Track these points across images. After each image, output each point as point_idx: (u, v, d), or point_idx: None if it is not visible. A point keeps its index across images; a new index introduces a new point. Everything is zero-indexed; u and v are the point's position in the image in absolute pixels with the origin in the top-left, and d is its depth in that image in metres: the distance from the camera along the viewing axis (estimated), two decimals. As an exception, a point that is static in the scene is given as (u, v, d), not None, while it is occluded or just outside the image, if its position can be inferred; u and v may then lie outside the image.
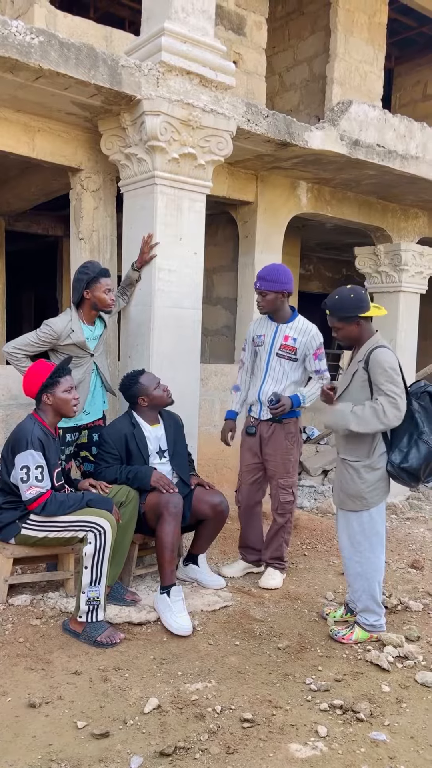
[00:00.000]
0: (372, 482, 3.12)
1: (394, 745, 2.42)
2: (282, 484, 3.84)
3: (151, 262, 3.98)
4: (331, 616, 3.45)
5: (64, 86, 3.60)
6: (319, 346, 3.81)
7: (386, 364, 3.01)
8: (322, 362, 3.84)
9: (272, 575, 3.90)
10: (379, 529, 3.17)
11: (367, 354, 3.08)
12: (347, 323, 3.11)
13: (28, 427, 3.12)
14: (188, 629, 3.18)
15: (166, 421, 3.74)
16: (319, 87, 7.74)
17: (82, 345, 3.65)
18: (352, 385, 3.16)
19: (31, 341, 3.60)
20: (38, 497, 3.05)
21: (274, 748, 2.36)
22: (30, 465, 3.04)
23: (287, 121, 4.44)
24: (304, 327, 3.82)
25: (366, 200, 6.10)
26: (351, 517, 3.18)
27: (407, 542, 4.86)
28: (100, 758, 2.26)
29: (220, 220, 5.97)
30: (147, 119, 3.72)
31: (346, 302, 3.08)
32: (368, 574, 3.17)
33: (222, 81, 3.96)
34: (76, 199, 4.49)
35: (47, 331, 3.59)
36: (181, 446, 3.75)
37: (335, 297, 3.11)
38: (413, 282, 6.46)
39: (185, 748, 2.33)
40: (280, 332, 3.83)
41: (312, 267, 10.50)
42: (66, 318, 3.67)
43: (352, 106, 4.80)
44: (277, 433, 3.82)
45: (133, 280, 4.09)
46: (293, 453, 3.85)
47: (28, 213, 7.43)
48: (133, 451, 3.57)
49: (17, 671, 2.79)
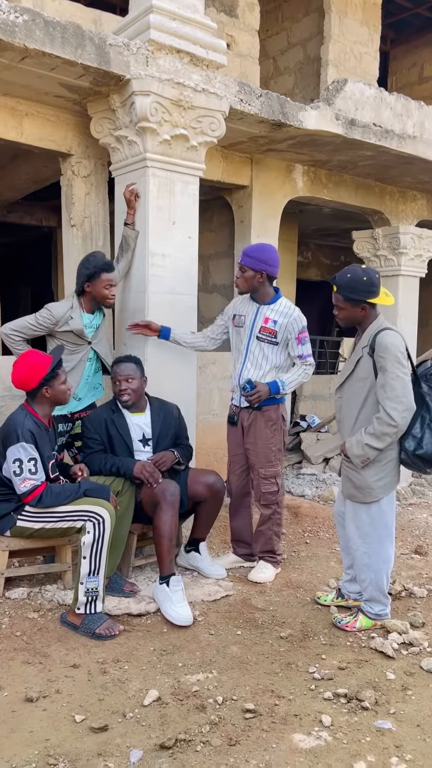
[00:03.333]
0: (380, 474, 3.01)
1: (401, 733, 2.36)
2: (263, 474, 3.70)
3: (144, 248, 3.89)
4: (322, 599, 3.40)
5: (51, 66, 3.50)
6: (301, 330, 3.61)
7: (393, 347, 2.88)
8: (305, 347, 3.64)
9: (262, 569, 3.77)
10: (389, 521, 3.08)
11: (371, 338, 2.95)
12: (352, 305, 2.99)
13: (18, 420, 3.05)
14: (189, 619, 3.12)
15: (155, 410, 3.63)
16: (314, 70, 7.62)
17: (79, 333, 3.58)
18: (357, 373, 3.03)
19: (30, 324, 3.53)
20: (33, 490, 2.99)
21: (278, 739, 2.30)
22: (22, 458, 2.98)
23: (281, 101, 4.34)
24: (286, 309, 3.63)
25: (363, 183, 6.00)
26: (360, 509, 3.09)
27: (410, 528, 4.79)
28: (99, 752, 2.20)
29: (215, 205, 5.88)
30: (137, 100, 3.62)
31: (357, 284, 2.94)
32: (376, 566, 3.09)
33: (213, 60, 3.86)
34: (67, 185, 4.40)
35: (46, 315, 3.52)
36: (165, 436, 3.60)
37: (347, 275, 2.96)
38: (412, 265, 6.36)
39: (186, 740, 2.27)
40: (261, 314, 3.65)
41: (310, 254, 10.40)
42: (67, 304, 3.60)
43: (348, 84, 4.70)
44: (258, 421, 3.67)
45: (129, 239, 3.91)
46: (274, 441, 3.69)
47: (22, 203, 7.34)
48: (114, 437, 3.48)
49: (14, 665, 2.73)
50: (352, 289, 2.95)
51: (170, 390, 3.88)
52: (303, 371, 3.64)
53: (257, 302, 3.69)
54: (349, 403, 3.08)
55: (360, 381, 3.02)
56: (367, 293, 2.95)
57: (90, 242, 4.40)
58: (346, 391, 3.11)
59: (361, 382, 3.01)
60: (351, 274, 2.96)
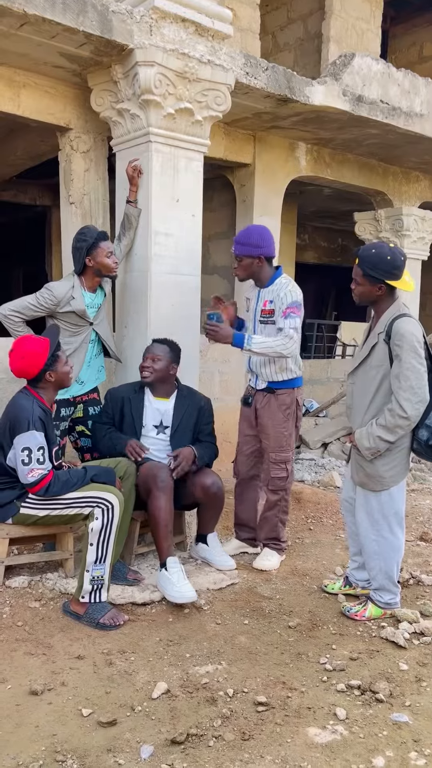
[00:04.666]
0: (392, 463, 2.93)
1: (418, 726, 2.30)
2: (274, 458, 3.63)
3: (147, 226, 3.76)
4: (329, 588, 3.34)
5: (51, 34, 3.35)
6: (290, 305, 3.41)
7: (410, 335, 2.77)
8: (289, 321, 3.39)
9: (267, 556, 3.70)
10: (399, 509, 3.00)
11: (388, 324, 2.85)
12: (370, 283, 2.87)
13: (27, 406, 2.92)
14: (191, 596, 3.04)
15: (181, 398, 3.55)
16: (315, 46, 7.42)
17: (81, 313, 3.45)
18: (371, 359, 2.92)
19: (30, 305, 3.40)
20: (41, 480, 2.88)
21: (292, 733, 2.23)
22: (32, 447, 2.87)
23: (288, 75, 4.20)
24: (278, 287, 3.49)
25: (367, 163, 5.88)
26: (370, 496, 3.02)
27: (414, 515, 4.74)
28: (108, 748, 2.12)
29: (216, 184, 5.73)
30: (140, 70, 3.47)
31: (380, 262, 2.82)
32: (386, 554, 3.02)
33: (219, 30, 3.71)
34: (66, 161, 4.25)
35: (47, 296, 3.39)
36: (186, 427, 3.52)
37: (372, 250, 2.85)
38: (415, 248, 6.27)
39: (198, 735, 2.19)
40: (261, 298, 3.56)
41: (307, 236, 10.26)
42: (68, 284, 3.46)
43: (355, 59, 4.56)
44: (271, 404, 3.60)
45: (132, 217, 3.78)
46: (287, 426, 3.61)
47: (15, 182, 7.14)
48: (126, 416, 3.47)
49: (17, 657, 2.65)
50: (373, 266, 2.83)
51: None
52: (280, 341, 3.39)
53: (258, 286, 3.62)
54: (362, 391, 2.98)
55: (374, 368, 2.92)
56: (388, 274, 2.84)
57: (89, 220, 4.26)
58: (359, 377, 3.01)
59: (375, 370, 2.91)
60: (376, 250, 2.84)
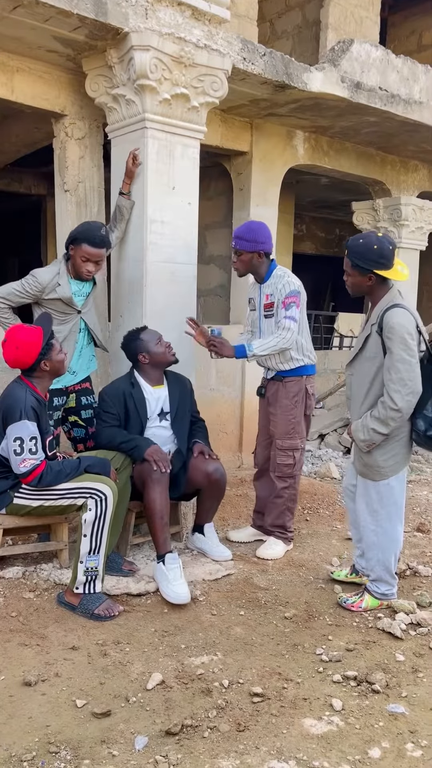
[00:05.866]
0: (390, 453, 2.91)
1: (414, 717, 2.28)
2: (280, 445, 3.66)
3: (143, 214, 3.71)
4: (335, 574, 3.34)
5: (45, 17, 3.29)
6: (289, 294, 3.49)
7: (399, 327, 2.74)
8: (289, 311, 3.47)
9: (272, 545, 3.70)
10: (398, 500, 2.98)
11: (380, 315, 2.82)
12: (359, 273, 2.86)
13: (20, 396, 2.88)
14: (185, 598, 3.02)
15: (172, 383, 3.54)
16: (313, 34, 7.35)
17: (68, 301, 3.39)
18: (366, 351, 2.91)
19: (16, 291, 3.34)
20: (33, 470, 2.85)
21: (288, 724, 2.22)
22: (24, 437, 2.83)
23: (285, 61, 4.14)
24: (275, 279, 3.60)
25: (365, 151, 5.82)
26: (370, 486, 3.00)
27: (411, 505, 4.71)
28: (102, 739, 2.11)
29: (212, 173, 5.67)
30: (135, 55, 3.42)
31: (367, 251, 2.80)
32: (384, 545, 3.00)
33: (216, 14, 3.65)
34: (60, 148, 4.19)
35: (32, 282, 3.33)
36: (183, 411, 3.54)
37: (359, 240, 2.84)
38: (413, 238, 6.22)
39: (192, 726, 2.18)
40: (262, 293, 3.67)
41: (304, 227, 10.20)
42: (54, 269, 3.40)
43: (354, 45, 4.50)
44: (279, 392, 3.66)
45: (124, 209, 3.73)
46: (295, 414, 3.65)
47: (10, 170, 7.07)
48: (130, 411, 3.38)
49: (10, 647, 2.63)
50: (360, 256, 2.82)
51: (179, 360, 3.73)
52: (279, 336, 3.47)
53: (258, 282, 3.70)
54: (359, 382, 2.97)
55: (368, 360, 2.90)
56: (375, 263, 2.81)
57: (84, 208, 4.20)
58: (356, 368, 2.99)
59: (370, 362, 2.90)
60: (363, 240, 2.83)
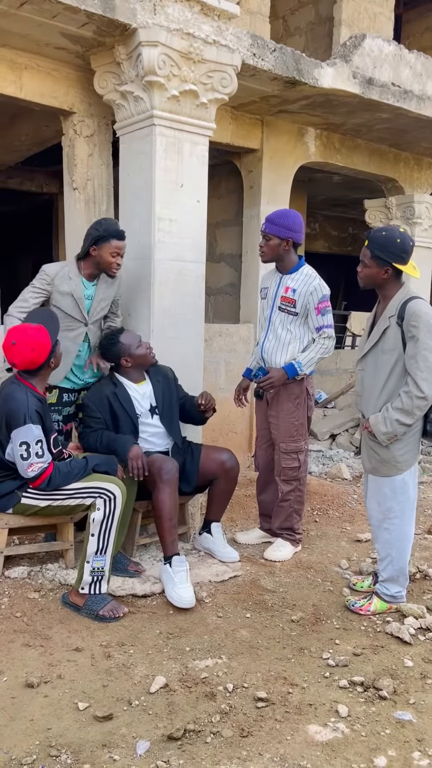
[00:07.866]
0: (407, 447, 2.87)
1: (422, 725, 2.23)
2: (284, 448, 3.61)
3: (150, 212, 3.68)
4: (358, 586, 3.26)
5: (52, 14, 3.26)
6: (321, 299, 3.45)
7: (426, 316, 2.73)
8: (326, 318, 3.47)
9: (279, 547, 3.66)
10: (411, 494, 2.94)
11: (399, 307, 2.80)
12: (378, 265, 2.84)
13: (21, 399, 2.83)
14: (189, 602, 2.98)
15: (153, 376, 3.50)
16: (326, 30, 7.29)
17: (78, 298, 3.36)
18: (383, 343, 2.86)
19: (30, 292, 3.33)
20: (41, 474, 2.82)
21: (292, 730, 2.18)
22: (30, 441, 2.80)
23: (296, 57, 4.09)
24: (306, 277, 3.50)
25: (377, 148, 5.76)
26: (383, 483, 2.95)
27: (422, 507, 4.65)
28: (104, 743, 2.08)
29: (223, 170, 5.64)
30: (144, 51, 3.39)
31: (389, 244, 2.81)
32: (398, 542, 2.96)
33: (225, 9, 3.61)
34: (69, 146, 4.17)
35: (41, 276, 3.32)
36: (170, 403, 3.48)
37: (382, 233, 2.85)
38: (426, 236, 6.15)
39: (195, 730, 2.15)
40: (282, 283, 3.55)
41: (317, 225, 10.14)
42: (61, 263, 3.39)
43: (366, 40, 4.44)
44: (281, 395, 3.58)
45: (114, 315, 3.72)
46: (297, 416, 3.59)
47: (22, 169, 7.09)
48: (118, 411, 3.33)
49: (14, 648, 2.61)
50: (382, 247, 2.81)
51: (177, 362, 3.71)
52: (321, 346, 3.47)
53: (280, 272, 3.60)
54: (373, 376, 2.92)
55: (387, 353, 2.85)
56: (396, 257, 2.80)
57: (93, 206, 4.18)
58: (369, 362, 2.94)
59: (388, 354, 2.84)
60: (386, 232, 2.84)
